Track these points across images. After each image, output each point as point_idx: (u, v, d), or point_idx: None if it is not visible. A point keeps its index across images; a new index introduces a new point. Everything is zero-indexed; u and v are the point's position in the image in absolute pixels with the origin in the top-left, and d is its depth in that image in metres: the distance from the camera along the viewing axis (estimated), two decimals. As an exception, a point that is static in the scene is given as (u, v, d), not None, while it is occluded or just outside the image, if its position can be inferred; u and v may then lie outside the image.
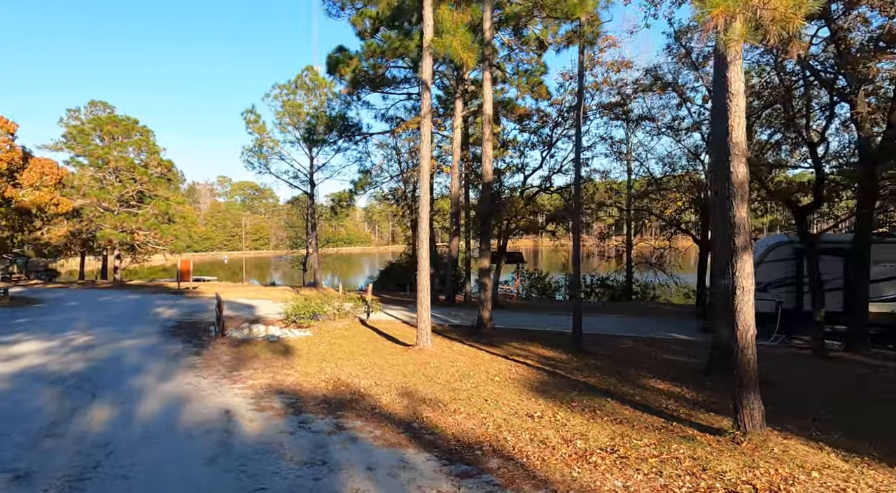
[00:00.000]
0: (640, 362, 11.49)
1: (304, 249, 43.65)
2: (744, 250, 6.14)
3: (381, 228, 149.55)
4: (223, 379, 9.22)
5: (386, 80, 25.88)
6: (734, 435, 6.09)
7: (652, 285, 32.41)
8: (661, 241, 30.20)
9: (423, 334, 11.96)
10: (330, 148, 35.49)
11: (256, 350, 12.27)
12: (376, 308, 17.21)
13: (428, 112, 12.01)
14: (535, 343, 13.77)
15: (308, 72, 38.22)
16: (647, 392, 8.72)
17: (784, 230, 22.07)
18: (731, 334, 10.62)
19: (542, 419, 7.11)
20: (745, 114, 6.16)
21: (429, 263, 12.12)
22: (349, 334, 14.92)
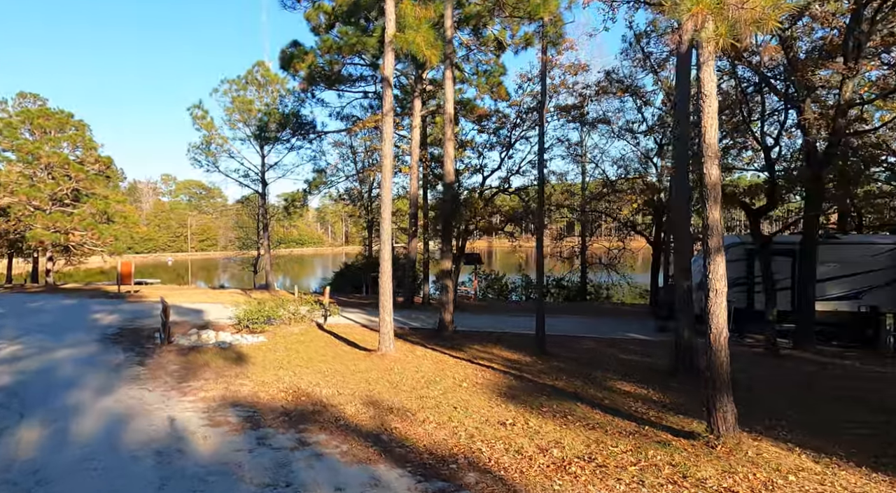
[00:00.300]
0: (604, 364, 11.50)
1: (254, 250, 42.21)
2: (717, 252, 6.11)
3: (334, 228, 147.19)
4: (171, 391, 8.57)
5: (342, 77, 25.28)
6: (708, 439, 6.05)
7: (605, 286, 33.07)
8: (614, 242, 30.83)
9: (385, 338, 11.58)
10: (283, 146, 34.46)
11: (207, 358, 11.57)
12: (335, 312, 16.68)
13: (390, 110, 11.65)
14: (498, 346, 13.62)
15: (259, 67, 36.99)
16: (615, 395, 8.67)
17: (730, 232, 22.85)
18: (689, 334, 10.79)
19: (515, 426, 6.89)
20: (717, 115, 6.14)
21: (391, 264, 11.74)
22: (306, 340, 14.35)
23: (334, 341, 14.19)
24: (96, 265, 52.20)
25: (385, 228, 11.63)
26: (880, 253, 13.94)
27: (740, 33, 5.46)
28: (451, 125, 15.13)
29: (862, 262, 14.03)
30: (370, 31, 22.03)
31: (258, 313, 15.90)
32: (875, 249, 14.06)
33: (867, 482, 5.11)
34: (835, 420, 7.48)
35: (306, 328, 16.07)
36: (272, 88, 36.79)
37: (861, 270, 14.01)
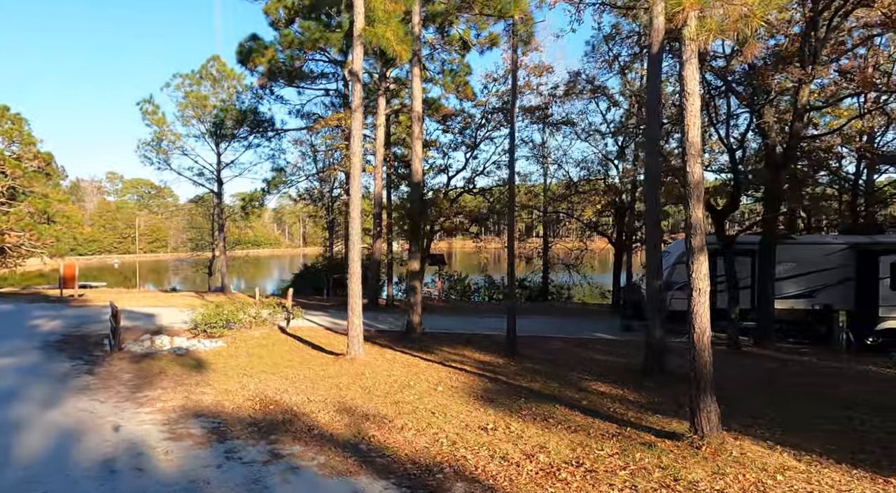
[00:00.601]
0: (576, 364, 11.47)
1: (208, 251, 40.67)
2: (700, 251, 6.09)
3: (291, 229, 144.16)
4: (126, 402, 7.97)
5: (303, 73, 24.63)
6: (692, 439, 6.01)
7: (567, 286, 33.49)
8: (575, 243, 31.23)
9: (354, 342, 11.20)
10: (240, 144, 33.41)
11: (163, 366, 10.91)
12: (298, 315, 16.12)
13: (359, 106, 11.29)
14: (469, 347, 13.43)
15: (214, 62, 35.70)
16: (592, 396, 8.60)
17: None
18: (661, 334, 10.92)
19: (497, 431, 6.69)
20: (700, 114, 6.12)
21: (360, 266, 11.37)
22: (269, 344, 13.79)
23: (299, 345, 13.69)
24: (35, 268, 49.22)
25: (354, 229, 11.25)
26: (833, 253, 14.50)
27: (727, 30, 5.44)
28: (419, 123, 14.86)
29: (816, 261, 14.56)
30: (333, 26, 21.54)
31: (217, 316, 15.20)
32: (828, 249, 14.63)
33: (850, 479, 5.15)
34: (804, 416, 7.62)
35: (268, 332, 15.47)
36: (228, 84, 35.58)
37: (815, 269, 14.54)
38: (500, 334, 15.81)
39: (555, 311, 24.94)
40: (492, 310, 25.29)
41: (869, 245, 14.14)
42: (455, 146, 26.07)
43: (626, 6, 15.60)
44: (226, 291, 33.67)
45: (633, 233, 22.80)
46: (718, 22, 5.19)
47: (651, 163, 10.32)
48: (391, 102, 24.18)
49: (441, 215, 22.21)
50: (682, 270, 15.41)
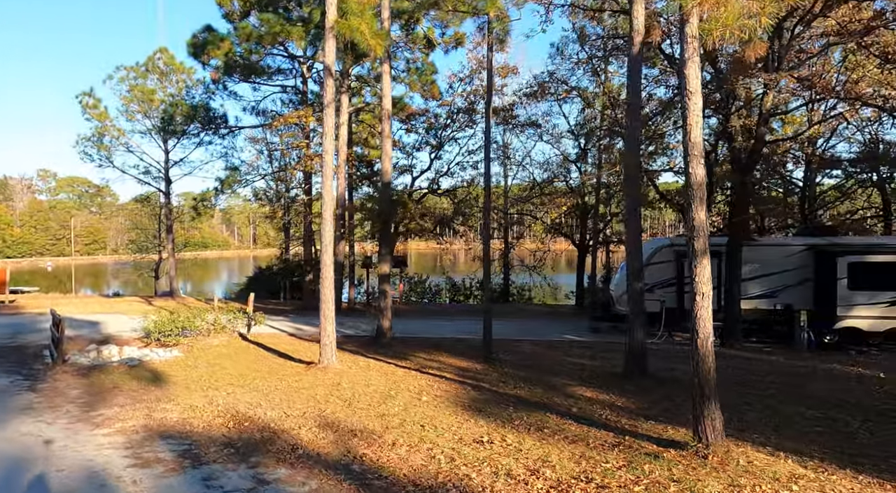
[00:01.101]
0: (556, 369, 11.30)
1: (154, 253, 38.53)
2: (703, 254, 5.95)
3: (241, 231, 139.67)
4: (79, 423, 7.18)
5: (260, 69, 23.62)
6: (697, 448, 5.86)
7: (527, 287, 33.66)
8: (537, 244, 31.39)
9: (327, 349, 10.63)
10: (190, 141, 31.87)
11: (115, 379, 10.04)
12: (260, 321, 15.31)
13: (332, 101, 10.73)
14: (443, 352, 13.07)
15: (162, 55, 33.90)
16: (580, 402, 8.40)
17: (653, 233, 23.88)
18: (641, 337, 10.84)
19: (493, 444, 6.36)
20: (701, 113, 5.99)
21: (332, 270, 10.82)
22: (230, 353, 13.00)
23: (264, 353, 12.97)
24: (-42, 272, 45.53)
25: (327, 231, 10.69)
26: (793, 254, 14.98)
27: (733, 28, 5.31)
28: (388, 122, 14.39)
29: (777, 262, 15.00)
30: (294, 19, 20.73)
31: (171, 323, 14.24)
32: (789, 250, 15.10)
33: (861, 486, 5.10)
34: (789, 418, 7.66)
35: (228, 340, 14.62)
36: (177, 78, 33.84)
37: (776, 270, 14.98)
38: (471, 338, 15.54)
39: (519, 312, 24.89)
40: (457, 312, 25.02)
41: (827, 247, 14.67)
42: (419, 146, 25.69)
43: (596, 8, 15.65)
44: (175, 295, 32.03)
45: (598, 234, 23.01)
46: (732, 18, 5.04)
47: (631, 163, 10.26)
48: (352, 100, 23.54)
49: (406, 217, 21.74)
50: (652, 271, 15.59)
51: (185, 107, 27.63)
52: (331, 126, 10.77)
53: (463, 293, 34.31)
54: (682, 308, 15.39)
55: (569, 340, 15.57)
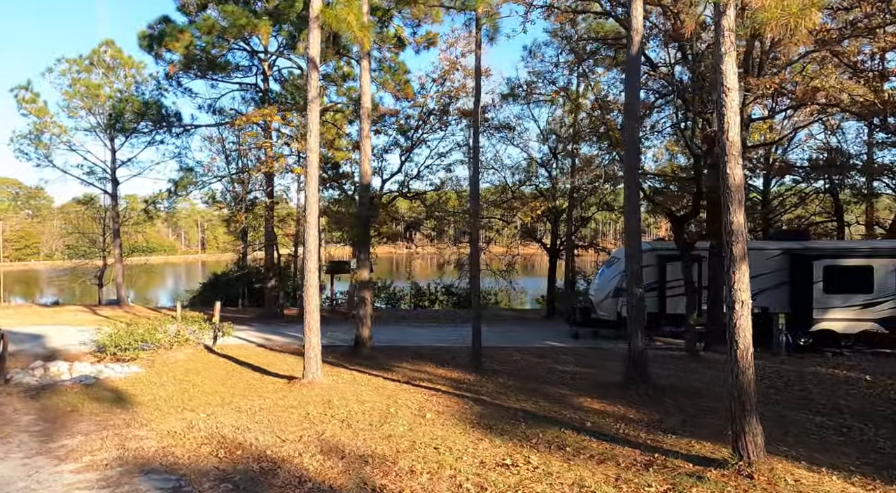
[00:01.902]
0: (550, 378, 10.93)
1: (96, 259, 36.01)
2: (742, 260, 5.65)
3: (188, 235, 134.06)
4: (38, 457, 6.22)
5: (220, 64, 22.39)
6: (739, 467, 5.53)
7: (492, 292, 33.41)
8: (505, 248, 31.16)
9: (312, 363, 9.86)
10: (140, 140, 30.05)
11: (71, 401, 8.97)
12: (228, 332, 14.26)
13: (317, 96, 10.02)
14: (429, 363, 12.48)
15: (108, 47, 31.86)
16: (590, 415, 8.00)
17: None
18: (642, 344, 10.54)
19: (518, 467, 5.86)
20: (738, 110, 5.70)
21: (317, 276, 10.07)
22: (199, 367, 12.00)
23: (236, 367, 12.02)
24: None
25: (311, 234, 9.94)
26: (770, 258, 15.21)
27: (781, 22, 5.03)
28: (368, 120, 13.72)
29: (754, 266, 15.04)
30: (259, 12, 19.68)
31: (129, 336, 13.07)
32: (766, 253, 15.32)
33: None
34: (805, 427, 7.52)
35: (193, 353, 13.55)
36: (126, 73, 31.89)
37: (753, 274, 15.03)
38: (453, 346, 15.03)
39: (489, 318, 24.50)
40: (426, 318, 24.42)
41: (802, 250, 14.97)
42: (388, 149, 24.99)
43: (576, 10, 15.49)
44: (122, 304, 30.12)
45: (570, 238, 22.89)
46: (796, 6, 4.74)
47: (630, 164, 10.01)
48: (320, 98, 22.62)
49: (378, 221, 21.01)
50: (633, 276, 15.46)
51: (137, 103, 25.98)
52: (315, 122, 10.05)
53: (428, 298, 33.75)
54: (663, 313, 15.38)
55: (551, 346, 15.26)
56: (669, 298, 15.17)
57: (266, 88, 24.56)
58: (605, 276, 16.30)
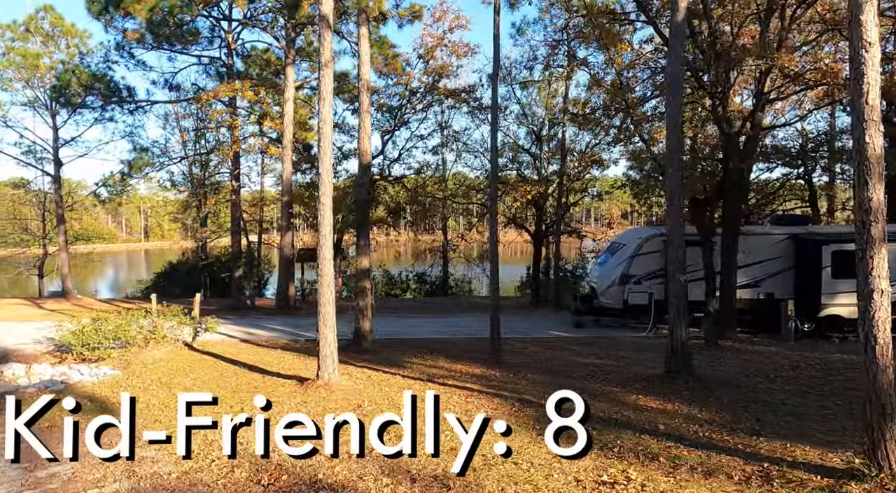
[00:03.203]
0: (578, 372, 10.21)
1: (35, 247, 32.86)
2: (881, 243, 4.98)
3: (130, 222, 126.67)
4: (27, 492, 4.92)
5: (186, 33, 20.28)
6: (881, 480, 4.86)
7: (466, 279, 32.67)
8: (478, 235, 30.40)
9: (328, 362, 8.72)
10: (84, 118, 27.42)
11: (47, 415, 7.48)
12: (212, 327, 12.79)
13: (330, 60, 8.77)
14: (440, 357, 11.53)
15: (47, 14, 28.81)
16: (656, 415, 7.29)
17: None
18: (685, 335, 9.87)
19: (623, 486, 5.05)
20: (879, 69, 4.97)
21: (332, 265, 8.91)
22: (184, 368, 10.63)
23: (228, 366, 10.71)
24: None
25: (325, 218, 8.74)
26: (777, 242, 15.00)
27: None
28: (367, 93, 12.50)
29: (761, 251, 14.92)
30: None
31: (98, 333, 11.47)
32: (772, 239, 15.10)
33: None
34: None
35: (173, 351, 12.09)
36: (69, 42, 28.97)
37: (760, 259, 14.91)
38: (455, 338, 14.17)
39: (469, 306, 23.73)
40: (406, 308, 23.33)
41: (809, 235, 14.82)
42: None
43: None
44: (68, 295, 27.60)
45: (559, 223, 22.20)
46: None
47: (672, 142, 9.29)
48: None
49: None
50: (640, 262, 14.98)
51: (84, 74, 23.41)
52: (329, 90, 8.80)
53: (399, 287, 32.65)
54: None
55: (557, 336, 14.57)
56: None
57: (230, 63, 22.59)
58: (609, 263, 15.71)
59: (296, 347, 13.08)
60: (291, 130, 19.14)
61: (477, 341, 13.77)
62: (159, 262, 64.59)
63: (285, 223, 19.47)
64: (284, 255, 19.68)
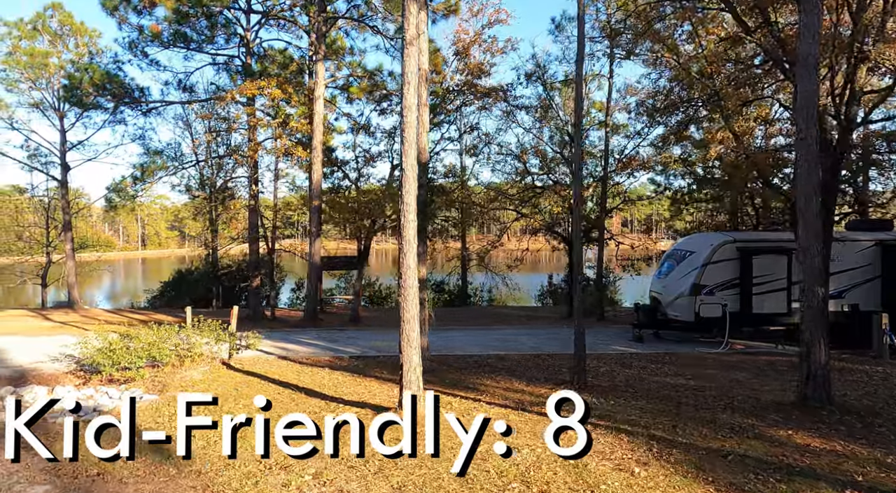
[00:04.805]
0: (684, 397, 8.96)
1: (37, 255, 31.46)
2: None
3: (127, 229, 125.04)
4: None
5: (198, 29, 18.95)
6: None
7: (485, 288, 31.49)
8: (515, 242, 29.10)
9: (413, 388, 7.46)
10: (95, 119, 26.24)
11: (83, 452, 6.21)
12: (255, 343, 11.50)
13: (415, 37, 7.62)
14: (512, 378, 10.31)
15: (56, 12, 27.69)
16: (831, 460, 6.05)
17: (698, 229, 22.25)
18: (826, 356, 8.54)
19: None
20: None
21: (416, 274, 7.69)
22: (229, 392, 9.35)
23: (282, 390, 9.44)
24: None
25: (409, 221, 7.55)
26: (863, 250, 13.84)
27: None
28: (426, 84, 11.32)
29: (846, 259, 13.74)
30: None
31: (130, 352, 10.18)
32: (858, 246, 13.93)
33: None
34: None
35: (211, 371, 10.82)
36: (77, 42, 27.85)
37: (844, 268, 13.73)
38: (510, 354, 12.91)
39: (499, 316, 22.50)
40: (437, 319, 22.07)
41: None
42: (391, 133, 22.49)
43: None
44: (75, 306, 26.34)
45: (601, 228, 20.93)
46: None
47: (808, 134, 8.10)
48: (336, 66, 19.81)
49: (395, 211, 18.52)
50: (713, 271, 13.80)
51: (98, 72, 22.16)
52: (414, 71, 7.64)
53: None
54: (745, 312, 13.72)
55: (621, 352, 13.29)
56: (756, 296, 13.54)
57: (248, 62, 21.34)
58: (676, 271, 14.49)
59: (342, 365, 11.82)
60: (322, 130, 17.96)
61: (535, 357, 12.57)
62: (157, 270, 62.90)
63: (315, 229, 18.19)
64: (314, 263, 18.39)
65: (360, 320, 19.91)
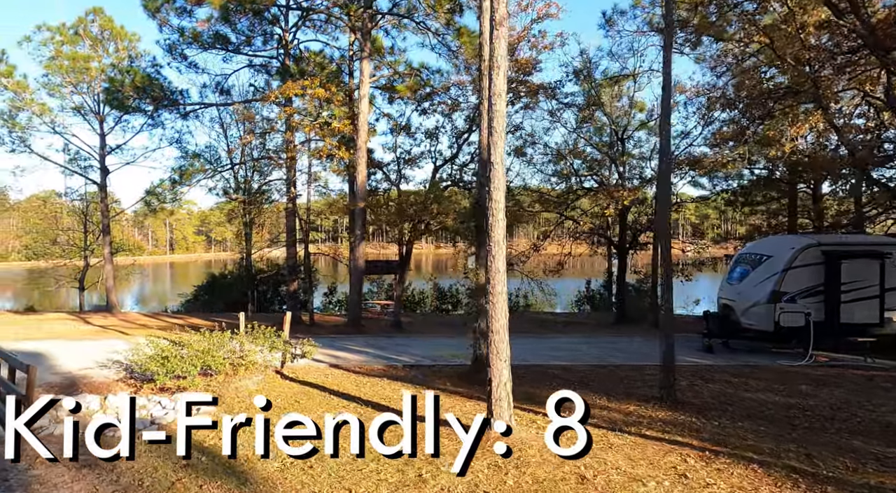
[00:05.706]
0: (794, 418, 8.04)
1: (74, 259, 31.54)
2: None
3: (155, 233, 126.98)
4: None
5: (262, 20, 18.54)
6: None
7: (521, 293, 30.60)
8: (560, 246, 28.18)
9: (502, 405, 6.72)
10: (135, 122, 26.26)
11: (153, 472, 5.65)
12: (311, 352, 10.89)
13: (505, 17, 6.98)
14: (588, 392, 9.44)
15: (96, 16, 27.81)
16: None
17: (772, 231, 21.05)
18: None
19: None
20: None
21: (505, 280, 6.96)
22: (290, 403, 8.81)
23: (342, 402, 8.85)
24: None
25: (497, 220, 6.83)
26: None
27: None
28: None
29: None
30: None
31: (183, 360, 9.65)
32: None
33: None
34: None
35: (266, 380, 10.24)
36: (118, 46, 27.93)
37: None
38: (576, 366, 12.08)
39: (537, 322, 21.63)
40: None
41: None
42: (432, 133, 21.86)
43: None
44: (114, 310, 26.28)
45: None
46: None
47: None
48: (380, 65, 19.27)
49: (439, 212, 17.87)
50: (794, 276, 12.78)
51: (140, 75, 22.01)
52: (503, 55, 6.97)
53: (450, 301, 30.73)
54: (831, 322, 12.66)
55: (696, 364, 12.29)
56: (844, 304, 12.48)
57: (287, 64, 20.88)
58: (751, 277, 13.46)
59: (399, 375, 11.15)
60: (366, 130, 17.40)
61: (602, 368, 11.75)
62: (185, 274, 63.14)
63: (360, 233, 17.61)
64: (357, 267, 17.80)
65: (401, 325, 19.27)
